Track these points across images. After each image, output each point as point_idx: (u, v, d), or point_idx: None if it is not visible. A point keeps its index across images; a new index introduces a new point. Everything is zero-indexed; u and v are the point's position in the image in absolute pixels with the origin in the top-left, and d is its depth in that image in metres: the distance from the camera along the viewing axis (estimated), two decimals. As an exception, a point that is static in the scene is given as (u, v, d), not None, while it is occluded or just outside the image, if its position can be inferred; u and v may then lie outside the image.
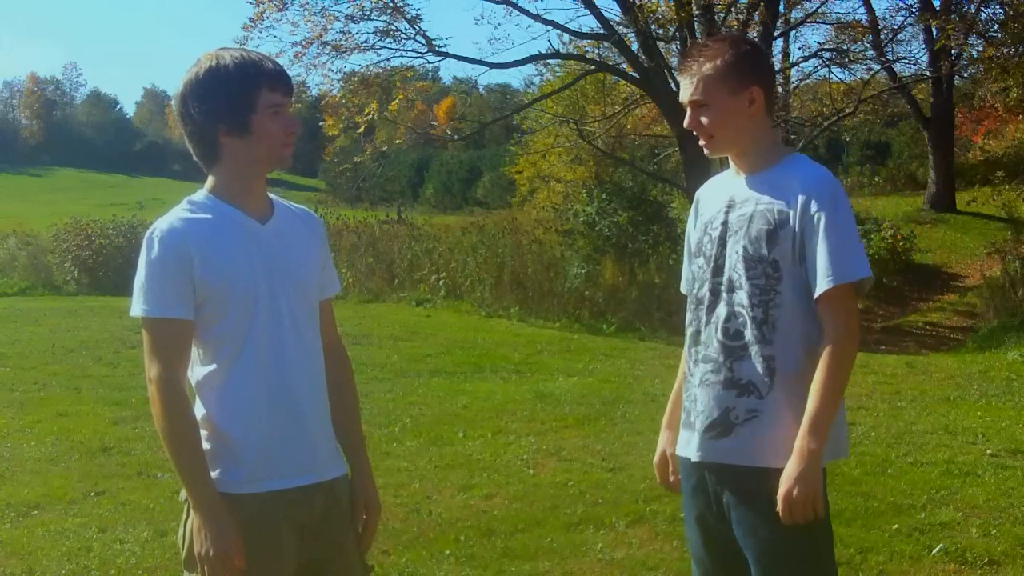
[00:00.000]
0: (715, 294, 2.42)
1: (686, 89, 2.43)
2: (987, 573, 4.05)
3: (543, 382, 8.27)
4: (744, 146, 2.44)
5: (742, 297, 2.36)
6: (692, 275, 2.52)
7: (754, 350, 2.34)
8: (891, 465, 5.55)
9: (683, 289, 2.63)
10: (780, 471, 2.28)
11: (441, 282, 15.00)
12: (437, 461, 5.78)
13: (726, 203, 2.45)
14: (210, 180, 2.22)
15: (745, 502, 2.35)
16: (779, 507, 2.24)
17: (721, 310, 2.40)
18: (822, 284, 2.28)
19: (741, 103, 2.39)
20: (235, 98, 2.12)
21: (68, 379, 8.28)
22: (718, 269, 2.42)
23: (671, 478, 2.63)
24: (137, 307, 2.13)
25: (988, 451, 5.88)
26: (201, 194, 2.22)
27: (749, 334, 2.35)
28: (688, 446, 2.48)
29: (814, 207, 2.30)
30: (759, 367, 2.33)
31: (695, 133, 2.46)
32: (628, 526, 4.62)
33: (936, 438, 6.20)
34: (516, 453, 5.97)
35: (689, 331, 2.50)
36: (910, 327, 14.84)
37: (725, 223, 2.43)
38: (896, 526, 4.52)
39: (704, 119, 2.42)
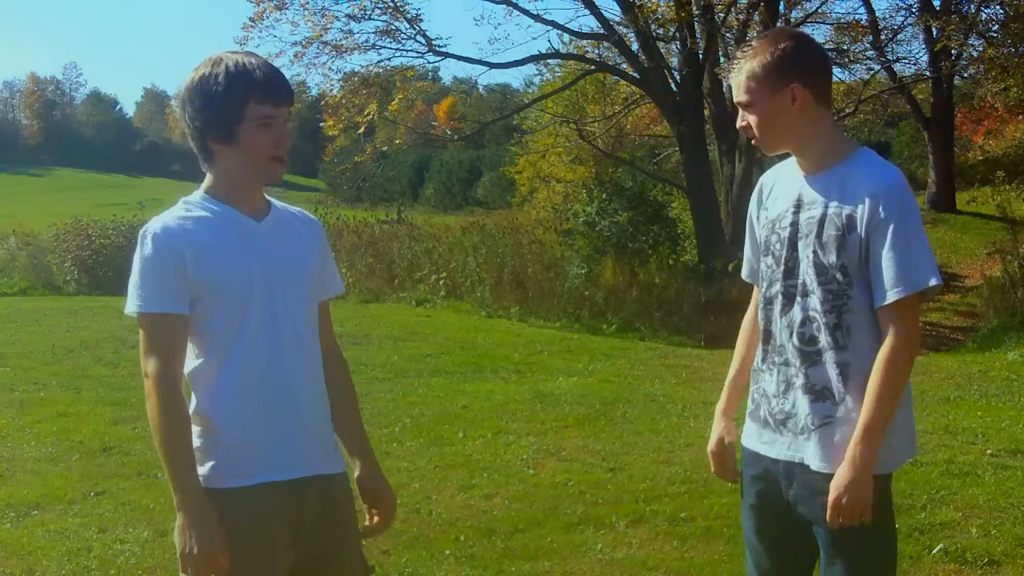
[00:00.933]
0: (788, 297, 2.40)
1: (734, 91, 2.43)
2: (987, 573, 4.05)
3: (543, 382, 8.26)
4: (797, 144, 2.41)
5: (815, 302, 2.35)
6: (762, 273, 2.49)
7: (828, 356, 2.33)
8: (891, 465, 5.55)
9: (744, 275, 2.62)
10: None
11: (441, 282, 15.00)
12: (437, 461, 5.78)
13: (794, 202, 2.41)
14: (207, 179, 2.24)
15: (813, 498, 2.35)
16: (827, 513, 2.26)
17: (796, 314, 2.38)
18: (890, 294, 2.25)
19: (783, 101, 2.35)
20: (222, 108, 2.13)
21: (68, 379, 8.28)
22: (790, 272, 2.40)
23: (728, 465, 2.60)
24: (132, 304, 2.14)
25: (988, 451, 5.88)
26: (197, 194, 2.23)
27: (823, 340, 2.33)
28: (758, 440, 2.48)
29: (882, 213, 2.26)
30: (833, 373, 2.33)
31: (747, 134, 2.48)
32: (628, 526, 4.62)
33: (936, 438, 6.19)
34: (516, 453, 5.97)
35: (760, 327, 2.49)
36: (910, 327, 14.82)
37: (794, 224, 2.39)
38: (896, 526, 4.52)
39: (751, 119, 2.41)
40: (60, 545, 4.43)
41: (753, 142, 2.47)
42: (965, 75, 21.18)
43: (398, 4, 15.76)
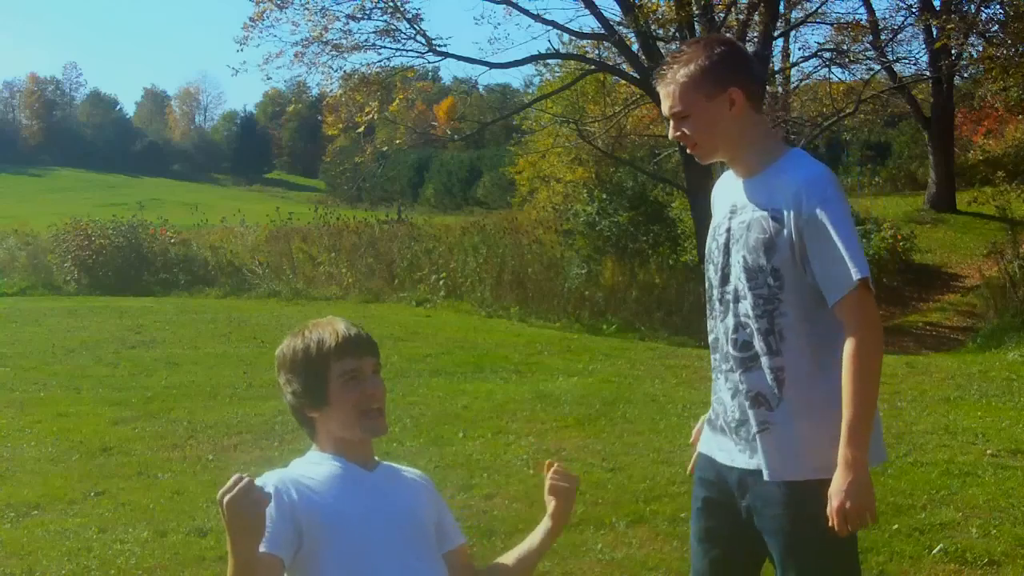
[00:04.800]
0: (724, 303, 2.40)
1: (665, 101, 2.37)
2: (987, 573, 4.05)
3: (543, 382, 8.26)
4: (734, 149, 2.38)
5: (746, 307, 2.33)
6: (707, 281, 2.48)
7: (762, 361, 2.31)
8: (891, 465, 5.55)
9: None
10: (794, 484, 2.28)
11: (441, 282, 14.99)
12: (437, 461, 5.78)
13: (729, 208, 2.41)
14: (314, 446, 2.24)
15: (764, 510, 2.34)
16: (832, 521, 2.20)
17: (730, 320, 2.38)
18: (840, 288, 2.22)
19: (721, 107, 2.32)
20: (307, 376, 2.15)
21: (68, 379, 8.28)
22: (725, 278, 2.39)
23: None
24: None
25: (988, 451, 5.88)
26: (308, 455, 2.23)
27: (756, 345, 2.32)
28: (713, 446, 2.49)
29: (807, 209, 2.23)
30: (768, 378, 2.31)
31: (681, 144, 2.42)
32: (628, 526, 4.62)
33: (936, 438, 6.19)
34: (516, 453, 5.97)
35: (710, 337, 2.50)
36: (910, 327, 14.84)
37: (729, 230, 2.39)
38: (896, 526, 4.52)
39: (686, 129, 2.35)
40: (60, 545, 4.43)
41: (689, 150, 2.43)
42: (965, 75, 21.18)
43: (398, 4, 15.75)
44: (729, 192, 2.44)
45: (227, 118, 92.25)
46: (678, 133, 2.38)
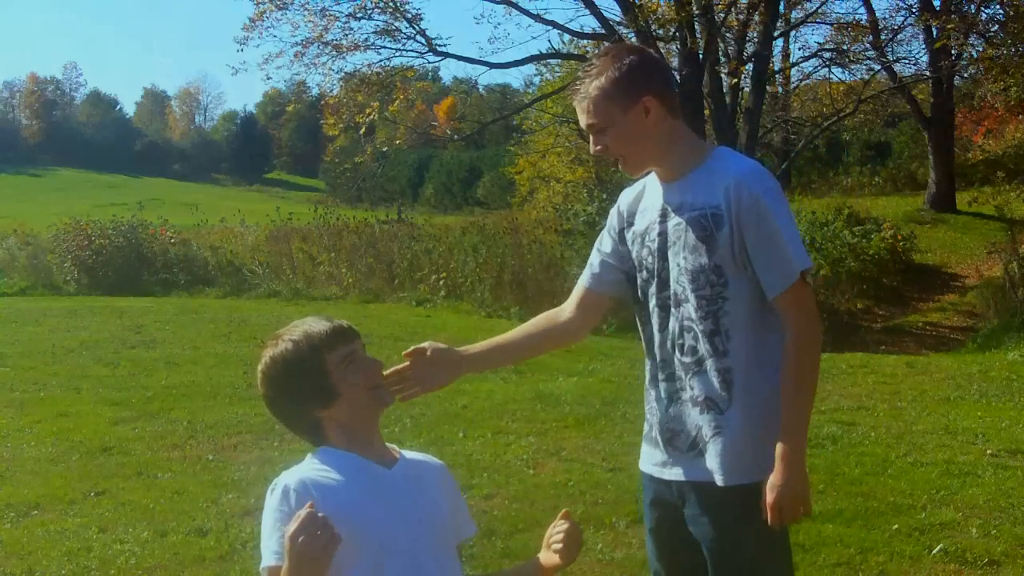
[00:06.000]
0: (664, 309, 2.35)
1: (581, 115, 2.33)
2: (987, 573, 4.05)
3: (543, 382, 8.26)
4: (658, 156, 2.33)
5: (689, 310, 2.29)
6: (638, 288, 2.42)
7: (709, 364, 2.27)
8: (891, 465, 5.55)
9: (585, 283, 2.53)
10: (742, 487, 2.24)
11: (441, 282, 15.00)
12: (437, 461, 5.77)
13: (659, 212, 2.35)
14: (323, 447, 2.17)
15: (705, 516, 2.30)
16: (767, 515, 2.18)
17: (673, 325, 2.33)
18: (782, 280, 2.21)
19: (637, 117, 2.27)
20: (308, 378, 2.10)
21: (68, 379, 8.27)
22: (663, 283, 2.34)
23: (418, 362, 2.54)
24: (263, 560, 2.02)
25: (988, 451, 5.88)
26: (321, 451, 2.16)
27: (702, 348, 2.27)
28: (651, 462, 2.44)
29: (748, 200, 2.20)
30: (715, 381, 2.26)
31: (605, 158, 2.37)
32: (628, 526, 4.62)
33: (936, 438, 6.20)
34: (516, 453, 5.97)
35: (644, 345, 2.45)
36: (910, 327, 14.83)
37: (663, 234, 2.33)
38: (896, 526, 4.52)
39: (607, 142, 2.31)
40: (60, 545, 4.43)
41: (620, 165, 2.37)
42: (965, 75, 21.20)
43: (398, 4, 15.77)
44: (655, 196, 2.38)
45: (227, 118, 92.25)
46: (599, 147, 2.33)
